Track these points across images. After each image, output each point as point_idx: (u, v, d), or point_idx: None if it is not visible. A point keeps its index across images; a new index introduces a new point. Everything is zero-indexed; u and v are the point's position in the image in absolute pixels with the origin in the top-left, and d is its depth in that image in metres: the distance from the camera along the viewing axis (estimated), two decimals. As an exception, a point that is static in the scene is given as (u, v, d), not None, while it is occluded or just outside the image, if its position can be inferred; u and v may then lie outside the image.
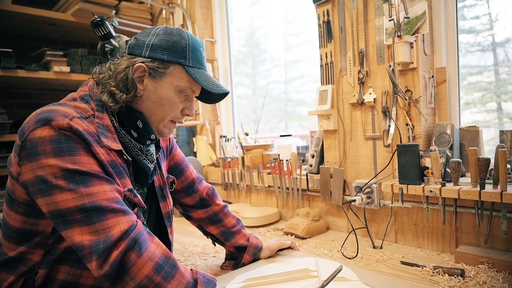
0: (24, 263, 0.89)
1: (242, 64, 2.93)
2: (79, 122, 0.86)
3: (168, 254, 0.85)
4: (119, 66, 0.97)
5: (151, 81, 0.97)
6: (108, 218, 0.80)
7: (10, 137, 2.24)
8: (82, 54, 2.52)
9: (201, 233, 1.41)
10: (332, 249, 1.47)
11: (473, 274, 1.14)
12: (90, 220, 0.79)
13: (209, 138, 2.54)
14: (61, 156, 0.81)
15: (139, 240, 0.81)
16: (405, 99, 1.41)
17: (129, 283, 0.78)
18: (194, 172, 1.36)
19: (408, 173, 1.30)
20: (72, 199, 0.79)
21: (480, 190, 1.13)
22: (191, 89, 1.01)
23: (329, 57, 1.67)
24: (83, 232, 0.78)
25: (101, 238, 0.78)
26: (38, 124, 0.83)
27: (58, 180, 0.80)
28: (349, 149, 1.65)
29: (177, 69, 0.97)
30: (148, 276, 0.79)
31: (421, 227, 1.43)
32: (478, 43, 1.61)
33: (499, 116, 1.64)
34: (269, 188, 2.06)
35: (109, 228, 0.79)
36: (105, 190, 0.83)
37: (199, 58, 1.00)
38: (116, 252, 0.77)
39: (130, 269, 0.78)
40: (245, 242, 1.32)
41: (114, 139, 0.94)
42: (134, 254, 0.79)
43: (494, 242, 1.25)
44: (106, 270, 0.77)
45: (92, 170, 0.84)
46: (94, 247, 0.78)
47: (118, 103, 0.95)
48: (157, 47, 0.96)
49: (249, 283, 1.13)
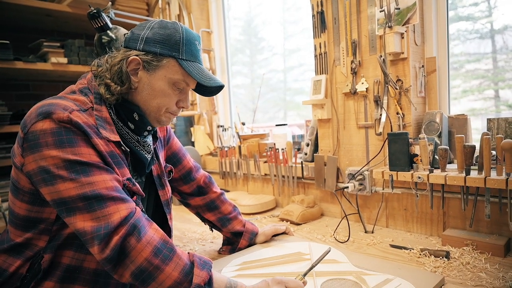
0: (30, 248, 0.93)
1: (240, 53, 2.94)
2: (78, 115, 0.90)
3: (166, 238, 0.89)
4: (115, 59, 1.00)
5: (145, 73, 0.99)
6: (108, 206, 0.84)
7: (10, 128, 2.27)
8: (79, 45, 2.53)
9: (199, 220, 1.46)
10: (326, 234, 1.53)
11: (457, 255, 1.20)
12: (92, 208, 0.83)
13: (207, 127, 2.58)
14: (62, 147, 0.85)
15: (138, 225, 0.85)
16: (396, 89, 1.45)
17: (130, 266, 0.83)
18: (191, 161, 1.40)
19: (398, 160, 1.35)
20: (74, 188, 0.84)
21: (465, 176, 1.18)
22: (185, 82, 1.03)
23: (323, 47, 1.70)
24: (85, 219, 0.83)
25: (102, 224, 0.82)
26: (39, 117, 0.86)
27: (60, 170, 0.84)
28: (342, 137, 1.69)
29: (171, 62, 0.99)
30: (147, 259, 0.83)
31: (411, 212, 1.49)
32: (476, 30, 1.62)
33: (496, 104, 1.66)
34: (265, 176, 2.11)
35: (110, 215, 0.83)
36: (105, 179, 0.87)
37: (193, 51, 1.02)
38: (117, 237, 0.82)
39: (130, 253, 0.83)
40: (241, 228, 1.38)
41: (112, 130, 0.97)
42: (134, 239, 0.83)
43: (479, 226, 1.31)
44: (108, 254, 0.81)
45: (91, 160, 0.88)
46: (95, 233, 0.82)
47: (113, 95, 0.98)
48: (151, 40, 0.98)
49: (245, 266, 1.19)
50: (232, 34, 2.75)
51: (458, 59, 1.68)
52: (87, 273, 0.94)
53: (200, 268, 0.88)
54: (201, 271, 0.87)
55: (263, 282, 0.93)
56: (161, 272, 0.84)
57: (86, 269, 0.94)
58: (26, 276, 0.92)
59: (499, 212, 1.23)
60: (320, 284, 1.02)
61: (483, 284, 1.01)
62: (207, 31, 2.62)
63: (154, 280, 0.84)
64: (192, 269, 0.87)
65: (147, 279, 0.83)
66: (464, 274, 1.07)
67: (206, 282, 0.87)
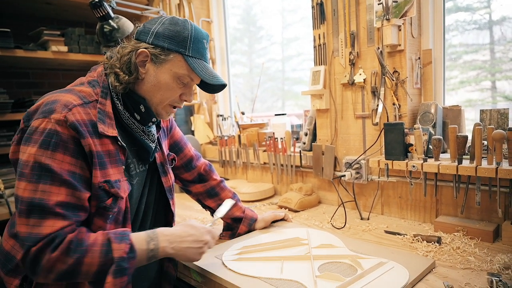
0: None
1: (239, 42, 2.94)
2: (79, 111, 0.93)
3: (77, 235, 0.89)
4: (125, 50, 1.04)
5: (153, 66, 1.04)
6: (46, 218, 0.87)
7: (11, 116, 2.29)
8: (79, 34, 2.53)
9: (199, 207, 1.51)
10: (323, 220, 1.58)
11: (448, 241, 1.25)
12: (31, 215, 0.86)
13: (207, 117, 2.61)
14: (43, 148, 0.88)
15: (57, 239, 0.86)
16: (393, 80, 1.49)
17: (48, 276, 0.87)
18: (192, 150, 1.45)
19: (394, 149, 1.39)
20: (28, 190, 0.87)
21: (457, 165, 1.23)
22: (190, 77, 1.07)
23: (322, 38, 1.73)
24: (22, 223, 0.87)
25: (33, 234, 0.86)
26: (40, 115, 0.91)
27: (26, 168, 0.88)
28: (340, 127, 1.73)
29: (177, 57, 1.03)
30: (63, 263, 0.86)
31: (405, 200, 1.54)
32: (475, 21, 1.63)
33: (493, 95, 1.68)
34: (264, 165, 2.15)
35: (42, 227, 0.86)
36: (60, 193, 0.89)
37: (200, 49, 1.06)
38: (34, 249, 0.85)
39: (44, 265, 0.86)
40: (241, 214, 1.43)
41: (111, 125, 1.00)
42: (48, 252, 0.86)
43: (470, 212, 1.36)
44: (26, 263, 0.86)
45: (61, 170, 0.89)
46: (23, 241, 0.86)
47: (121, 83, 1.03)
48: (160, 35, 1.02)
49: (245, 250, 1.24)
50: (230, 23, 2.74)
51: (456, 50, 1.69)
52: None
53: (118, 241, 0.91)
54: (119, 244, 0.91)
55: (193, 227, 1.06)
56: (82, 265, 0.87)
57: None
58: None
59: (489, 200, 1.28)
60: (317, 267, 1.07)
61: (471, 267, 1.06)
62: (207, 21, 2.63)
63: (79, 274, 0.88)
64: (110, 246, 0.90)
65: (72, 277, 0.88)
66: (454, 258, 1.13)
67: (128, 252, 0.91)
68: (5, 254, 0.99)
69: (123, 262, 0.90)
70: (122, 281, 0.90)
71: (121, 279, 0.90)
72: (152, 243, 0.97)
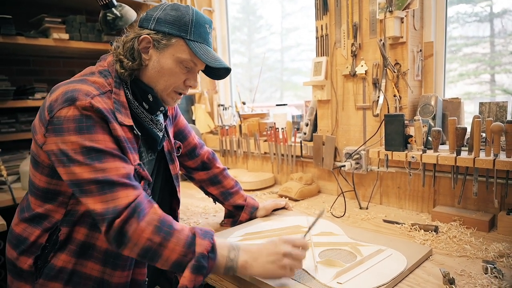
0: (48, 219, 1.00)
1: (238, 31, 2.92)
2: (99, 100, 0.95)
3: (166, 217, 0.94)
4: (128, 37, 1.06)
5: (156, 51, 1.05)
6: (118, 191, 0.90)
7: (13, 104, 2.30)
8: (80, 21, 2.52)
9: (201, 195, 1.54)
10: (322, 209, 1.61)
11: (445, 230, 1.28)
12: (102, 191, 0.89)
13: (208, 106, 2.62)
14: (81, 134, 0.91)
15: (139, 209, 0.90)
16: (394, 72, 1.50)
17: (134, 248, 0.89)
18: (196, 138, 1.47)
19: (394, 140, 1.42)
20: (88, 172, 0.89)
21: (456, 156, 1.25)
22: (193, 61, 1.07)
23: (325, 29, 1.74)
24: (95, 201, 0.89)
25: (110, 207, 0.88)
26: (65, 104, 0.92)
27: (76, 155, 0.90)
28: (341, 118, 1.75)
29: (179, 42, 1.04)
30: (149, 239, 0.89)
31: (404, 190, 1.57)
32: (476, 13, 1.63)
33: (492, 88, 1.69)
34: (265, 155, 2.18)
35: (118, 199, 0.89)
36: (117, 166, 0.92)
37: (202, 33, 1.06)
38: (118, 221, 0.87)
39: (131, 236, 0.88)
40: (243, 202, 1.45)
41: (127, 115, 1.03)
42: (134, 222, 0.88)
43: (467, 203, 1.40)
44: (111, 236, 0.88)
45: (107, 147, 0.93)
46: (104, 215, 0.88)
47: (126, 70, 1.04)
48: (162, 20, 1.03)
49: (247, 236, 1.27)
50: (230, 12, 2.73)
51: (456, 42, 1.70)
52: (99, 251, 1.01)
53: (202, 237, 0.93)
54: (203, 240, 0.92)
55: (271, 243, 0.96)
56: (165, 248, 0.89)
57: (98, 248, 1.01)
58: (46, 246, 0.99)
59: (485, 191, 1.31)
60: (317, 253, 1.10)
61: (467, 255, 1.10)
62: (208, 10, 2.62)
63: (160, 257, 0.89)
64: (194, 240, 0.92)
65: (153, 257, 0.90)
66: (450, 246, 1.16)
67: (209, 250, 0.92)
68: (16, 237, 1.01)
69: (203, 259, 0.90)
70: (198, 279, 0.89)
71: (197, 276, 0.89)
72: (233, 253, 0.94)
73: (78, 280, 0.99)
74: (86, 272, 1.00)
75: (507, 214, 1.24)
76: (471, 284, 0.93)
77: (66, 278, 0.98)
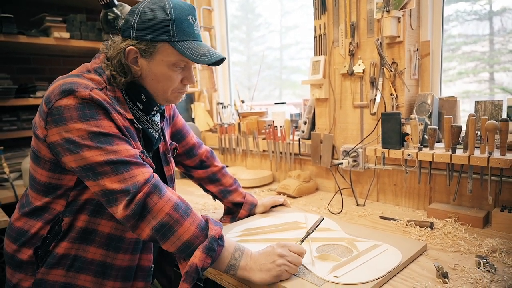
0: (49, 212, 1.02)
1: (236, 29, 2.92)
2: (98, 93, 0.97)
3: (183, 199, 0.99)
4: (114, 51, 1.03)
5: (144, 60, 1.03)
6: (133, 169, 0.93)
7: (14, 102, 2.32)
8: (80, 20, 2.54)
9: (200, 192, 1.56)
10: (320, 206, 1.63)
11: (440, 226, 1.31)
12: (118, 171, 0.92)
13: (207, 104, 2.64)
14: (86, 121, 0.92)
15: (159, 185, 0.94)
16: (391, 71, 1.52)
17: (151, 221, 0.92)
18: (194, 138, 1.49)
19: (390, 138, 1.44)
20: (100, 155, 0.92)
21: (451, 154, 1.27)
22: (183, 61, 1.05)
23: (323, 28, 1.76)
24: (112, 181, 0.91)
25: (130, 184, 0.91)
26: (63, 94, 0.93)
27: (85, 140, 0.92)
28: (338, 116, 1.77)
29: (164, 45, 1.01)
30: (168, 214, 0.92)
31: (400, 187, 1.60)
32: (475, 12, 1.63)
33: (491, 87, 1.69)
34: (263, 153, 2.20)
35: (135, 176, 0.92)
36: (127, 148, 0.96)
37: (185, 29, 1.01)
38: (140, 194, 0.91)
39: (152, 209, 0.92)
40: (242, 199, 1.48)
41: (125, 109, 1.04)
42: (156, 196, 0.92)
43: (462, 200, 1.42)
44: (132, 209, 0.90)
45: (113, 132, 0.96)
46: (124, 192, 0.90)
47: (119, 84, 1.04)
48: (141, 28, 1.00)
49: (246, 232, 1.29)
50: (229, 10, 2.73)
51: (455, 41, 1.70)
52: (101, 236, 1.03)
53: (214, 224, 0.98)
54: (215, 226, 0.97)
55: (269, 247, 1.01)
56: (181, 225, 0.92)
57: (100, 232, 1.03)
58: (47, 237, 1.01)
59: (480, 188, 1.34)
60: (315, 248, 1.12)
61: (461, 250, 1.12)
62: (208, 9, 2.64)
63: (173, 233, 0.92)
64: (207, 225, 0.97)
65: (167, 233, 0.92)
66: (445, 242, 1.19)
67: (220, 236, 0.96)
68: (16, 231, 1.03)
69: (215, 242, 0.94)
70: (207, 261, 0.92)
71: (207, 258, 0.92)
72: (238, 252, 0.98)
73: (80, 265, 1.02)
74: (88, 257, 1.02)
75: (501, 210, 1.27)
76: (464, 278, 0.95)
77: (69, 264, 1.00)
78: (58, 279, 1.00)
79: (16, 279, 1.01)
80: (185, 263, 0.95)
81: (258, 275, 0.96)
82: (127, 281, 1.06)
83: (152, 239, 0.94)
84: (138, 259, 1.08)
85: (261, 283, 0.96)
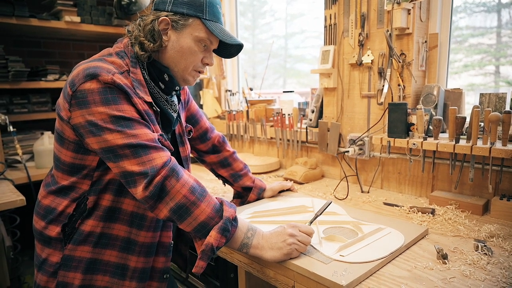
0: (75, 190, 1.08)
1: (242, 16, 2.92)
2: (120, 77, 1.02)
3: (198, 181, 1.05)
4: (147, 20, 1.11)
5: (174, 32, 1.11)
6: (152, 152, 0.99)
7: (26, 85, 2.37)
8: (91, 4, 2.57)
9: (210, 177, 1.62)
10: (326, 192, 1.69)
11: (441, 212, 1.37)
12: (137, 154, 0.97)
13: (215, 91, 2.68)
14: (108, 105, 0.98)
15: (176, 169, 1.00)
16: (399, 62, 1.56)
17: (169, 203, 0.98)
18: (207, 123, 1.54)
19: (396, 128, 1.49)
20: (120, 138, 0.97)
21: (455, 144, 1.33)
22: (209, 40, 1.14)
23: (333, 18, 1.79)
24: (132, 164, 0.97)
25: (148, 167, 0.97)
26: (87, 78, 0.98)
27: (106, 124, 0.97)
28: (346, 105, 1.82)
29: (196, 21, 1.10)
30: (185, 196, 0.98)
31: (404, 175, 1.65)
32: (483, 3, 1.64)
33: (496, 80, 1.71)
34: (271, 140, 2.25)
35: (153, 160, 0.98)
36: (146, 132, 1.01)
37: (215, 13, 1.13)
38: (159, 177, 0.96)
39: (170, 191, 0.97)
40: (251, 183, 1.54)
41: (145, 92, 1.09)
42: (173, 179, 0.98)
43: (463, 188, 1.48)
44: (150, 191, 0.96)
45: (133, 116, 1.01)
46: (143, 174, 0.96)
47: (146, 51, 1.10)
48: (178, 2, 1.09)
49: (255, 214, 1.35)
50: (235, -4, 2.72)
51: (462, 33, 1.71)
52: (125, 214, 1.09)
53: (228, 206, 1.04)
54: (229, 208, 1.03)
55: (280, 227, 1.08)
56: (197, 207, 0.98)
57: (124, 211, 1.09)
58: (73, 214, 1.07)
59: (481, 177, 1.39)
60: (322, 230, 1.18)
61: (460, 234, 1.18)
62: (217, -4, 2.65)
63: (190, 215, 0.98)
64: (222, 207, 1.03)
65: (184, 214, 0.98)
66: (445, 227, 1.25)
67: (234, 217, 1.03)
68: (44, 208, 1.09)
69: (229, 223, 1.00)
70: (222, 240, 0.98)
71: (221, 238, 0.98)
72: (250, 232, 1.05)
73: (106, 241, 1.08)
74: (113, 234, 1.08)
75: (500, 199, 1.32)
76: (462, 260, 1.01)
77: (95, 240, 1.07)
78: (84, 255, 1.06)
79: (46, 254, 1.08)
80: (200, 241, 1.01)
81: (269, 253, 1.02)
82: (149, 256, 1.12)
83: (169, 219, 1.00)
84: (159, 236, 1.14)
85: (272, 260, 1.02)
